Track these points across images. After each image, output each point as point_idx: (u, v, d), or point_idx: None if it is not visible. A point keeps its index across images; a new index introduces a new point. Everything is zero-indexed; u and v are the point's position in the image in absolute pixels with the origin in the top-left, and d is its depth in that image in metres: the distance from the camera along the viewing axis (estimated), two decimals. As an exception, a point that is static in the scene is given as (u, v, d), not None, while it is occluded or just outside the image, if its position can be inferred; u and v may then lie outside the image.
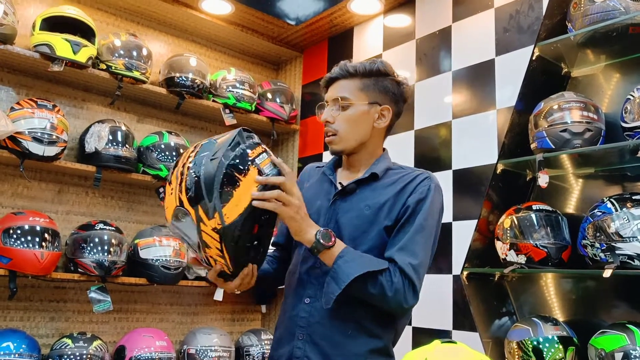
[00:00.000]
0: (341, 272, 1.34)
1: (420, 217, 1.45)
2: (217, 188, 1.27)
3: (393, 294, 1.35)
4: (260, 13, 3.32)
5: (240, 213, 1.27)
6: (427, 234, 1.46)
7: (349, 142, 1.54)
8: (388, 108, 1.57)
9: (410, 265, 1.38)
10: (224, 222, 1.27)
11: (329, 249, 1.36)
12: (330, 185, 1.59)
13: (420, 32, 3.03)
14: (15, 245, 2.45)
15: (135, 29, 3.30)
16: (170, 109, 3.35)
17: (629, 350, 1.84)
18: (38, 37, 2.65)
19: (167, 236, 2.91)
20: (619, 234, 1.93)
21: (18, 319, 2.76)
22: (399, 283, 1.36)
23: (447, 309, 2.58)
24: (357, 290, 1.36)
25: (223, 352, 2.97)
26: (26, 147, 2.54)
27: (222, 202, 1.27)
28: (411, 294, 1.38)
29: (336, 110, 1.53)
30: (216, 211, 1.27)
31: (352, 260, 1.36)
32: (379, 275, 1.36)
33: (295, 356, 1.45)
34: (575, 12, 2.24)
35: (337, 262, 1.36)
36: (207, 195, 1.28)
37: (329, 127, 1.54)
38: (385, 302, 1.38)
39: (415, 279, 1.38)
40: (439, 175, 2.74)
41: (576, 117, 2.15)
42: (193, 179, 1.30)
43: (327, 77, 1.59)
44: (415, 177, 1.52)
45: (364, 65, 1.55)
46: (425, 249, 1.44)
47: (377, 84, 1.55)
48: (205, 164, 1.30)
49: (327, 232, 1.37)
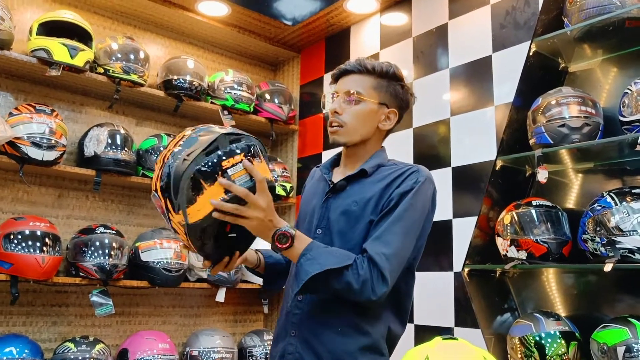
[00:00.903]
0: (302, 271, 1.35)
1: (400, 208, 1.44)
2: (183, 189, 1.27)
3: (360, 286, 1.34)
4: (257, 14, 3.32)
5: (202, 218, 1.27)
6: (407, 224, 1.44)
7: (353, 136, 1.55)
8: (395, 112, 1.59)
9: (382, 254, 1.37)
10: (187, 221, 1.27)
11: (287, 249, 1.36)
12: (325, 184, 1.61)
13: (417, 30, 3.03)
14: (16, 251, 2.45)
15: (132, 32, 3.31)
16: (168, 112, 3.35)
17: (631, 344, 1.84)
18: (35, 42, 2.65)
19: (167, 239, 2.91)
20: (619, 227, 1.92)
21: (20, 323, 2.76)
22: (366, 274, 1.35)
23: (449, 306, 2.58)
24: (322, 286, 1.36)
25: (226, 353, 2.97)
26: (25, 152, 2.54)
27: (187, 203, 1.27)
28: (380, 283, 1.36)
29: (346, 103, 1.54)
30: (180, 209, 1.28)
31: (314, 258, 1.35)
32: (344, 271, 1.35)
33: (288, 352, 1.46)
34: (572, 7, 2.24)
35: (299, 261, 1.36)
36: (173, 193, 1.28)
37: (336, 117, 1.54)
38: (353, 295, 1.37)
39: (386, 269, 1.36)
40: (439, 173, 2.74)
41: (574, 112, 2.15)
42: (166, 172, 1.29)
43: (342, 68, 1.59)
44: (404, 172, 1.52)
45: (381, 65, 1.56)
46: (402, 240, 1.42)
47: (389, 87, 1.57)
48: (178, 162, 1.29)
49: (285, 233, 1.35)
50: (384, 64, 1.57)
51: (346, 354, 1.43)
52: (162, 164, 1.32)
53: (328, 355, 1.42)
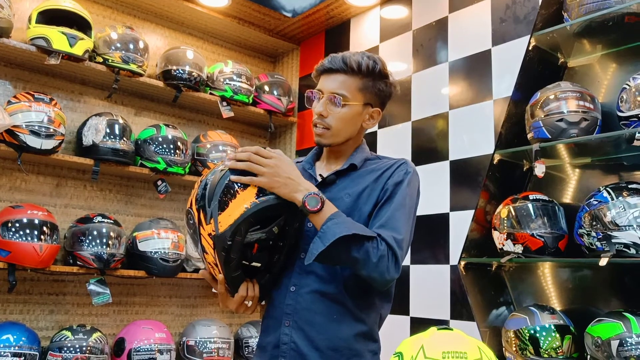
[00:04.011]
0: (329, 232, 1.35)
1: (399, 196, 1.47)
2: (217, 196, 1.33)
3: (377, 260, 1.36)
4: (257, 5, 3.32)
5: (231, 224, 1.30)
6: (407, 212, 1.48)
7: (338, 138, 1.56)
8: (378, 111, 1.60)
9: (394, 239, 1.40)
10: (218, 229, 1.32)
11: (316, 213, 1.37)
12: (310, 179, 1.59)
13: (417, 24, 3.03)
14: (14, 239, 2.46)
15: (132, 21, 3.30)
16: (167, 102, 3.35)
17: (625, 337, 1.86)
18: (34, 30, 2.64)
19: (165, 229, 2.92)
20: (615, 222, 1.94)
21: (18, 311, 2.77)
22: (384, 252, 1.37)
23: (445, 299, 2.59)
24: (342, 252, 1.36)
25: (222, 343, 2.99)
26: (24, 141, 2.54)
27: (219, 210, 1.32)
28: (393, 265, 1.38)
29: (331, 105, 1.53)
30: (212, 217, 1.33)
31: (342, 223, 1.37)
32: (365, 242, 1.37)
33: (283, 342, 1.46)
34: (572, 2, 2.24)
35: (326, 224, 1.37)
36: (208, 201, 1.34)
37: (322, 120, 1.53)
38: (368, 269, 1.37)
39: (399, 253, 1.40)
40: (437, 166, 2.75)
41: (572, 107, 2.16)
42: (203, 185, 1.38)
43: (327, 66, 1.55)
44: (393, 164, 1.56)
45: (368, 64, 1.52)
46: (406, 226, 1.46)
47: (374, 86, 1.56)
48: (215, 173, 1.39)
49: (315, 196, 1.37)
50: (370, 62, 1.53)
51: (342, 340, 1.44)
52: (199, 183, 1.41)
53: (323, 343, 1.43)
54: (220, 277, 1.38)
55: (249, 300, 1.43)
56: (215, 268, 1.38)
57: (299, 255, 1.50)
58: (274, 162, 1.37)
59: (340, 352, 1.43)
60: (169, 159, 2.96)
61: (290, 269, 1.51)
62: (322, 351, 1.43)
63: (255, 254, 1.41)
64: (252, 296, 1.43)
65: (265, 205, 1.33)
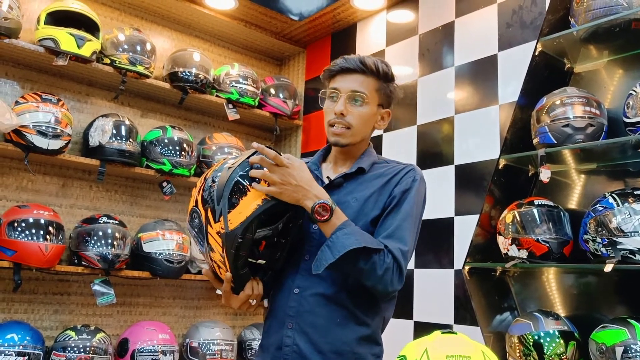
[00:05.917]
0: (339, 243, 1.36)
1: (406, 205, 1.48)
2: (227, 194, 1.33)
3: (383, 272, 1.37)
4: (264, 8, 3.33)
5: (242, 221, 1.31)
6: (413, 221, 1.49)
7: (357, 137, 1.56)
8: (389, 112, 1.62)
9: (400, 250, 1.41)
10: (227, 227, 1.32)
11: (325, 222, 1.38)
12: (316, 180, 1.58)
13: (423, 28, 3.03)
14: (19, 238, 2.47)
15: (139, 24, 3.32)
16: (173, 104, 3.36)
17: (629, 344, 1.85)
18: (43, 32, 2.66)
19: (170, 230, 2.93)
20: (620, 228, 1.93)
21: (22, 311, 2.78)
22: (390, 264, 1.38)
23: (449, 303, 2.59)
24: (350, 263, 1.37)
25: (225, 345, 2.99)
26: (31, 141, 2.55)
27: (229, 208, 1.32)
28: (397, 277, 1.40)
29: (351, 104, 1.53)
30: (222, 215, 1.33)
31: (352, 234, 1.38)
32: (373, 254, 1.38)
33: (285, 344, 1.46)
34: (578, 7, 2.24)
35: (335, 233, 1.38)
36: (216, 199, 1.34)
37: (342, 119, 1.53)
38: (373, 280, 1.39)
39: (404, 265, 1.42)
40: (442, 170, 2.74)
41: (578, 112, 2.15)
42: (210, 183, 1.37)
43: (344, 66, 1.54)
44: (401, 170, 1.56)
45: (381, 66, 1.55)
46: (412, 236, 1.48)
47: (386, 88, 1.58)
48: (222, 171, 1.37)
49: (324, 205, 1.37)
50: (382, 65, 1.55)
51: (344, 344, 1.44)
52: (202, 182, 1.40)
53: (326, 346, 1.43)
54: (228, 275, 1.38)
55: (253, 298, 1.43)
56: (222, 266, 1.37)
57: (302, 257, 1.50)
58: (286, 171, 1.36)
59: (343, 356, 1.43)
60: (174, 161, 2.97)
61: (294, 270, 1.50)
62: (325, 354, 1.43)
63: (262, 251, 1.42)
64: (257, 294, 1.43)
65: (276, 202, 1.35)
